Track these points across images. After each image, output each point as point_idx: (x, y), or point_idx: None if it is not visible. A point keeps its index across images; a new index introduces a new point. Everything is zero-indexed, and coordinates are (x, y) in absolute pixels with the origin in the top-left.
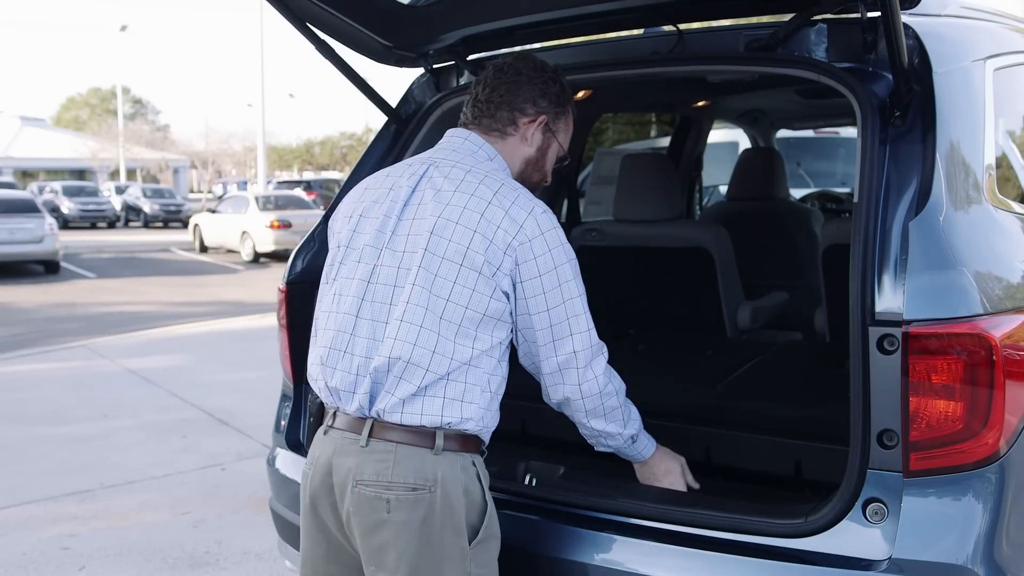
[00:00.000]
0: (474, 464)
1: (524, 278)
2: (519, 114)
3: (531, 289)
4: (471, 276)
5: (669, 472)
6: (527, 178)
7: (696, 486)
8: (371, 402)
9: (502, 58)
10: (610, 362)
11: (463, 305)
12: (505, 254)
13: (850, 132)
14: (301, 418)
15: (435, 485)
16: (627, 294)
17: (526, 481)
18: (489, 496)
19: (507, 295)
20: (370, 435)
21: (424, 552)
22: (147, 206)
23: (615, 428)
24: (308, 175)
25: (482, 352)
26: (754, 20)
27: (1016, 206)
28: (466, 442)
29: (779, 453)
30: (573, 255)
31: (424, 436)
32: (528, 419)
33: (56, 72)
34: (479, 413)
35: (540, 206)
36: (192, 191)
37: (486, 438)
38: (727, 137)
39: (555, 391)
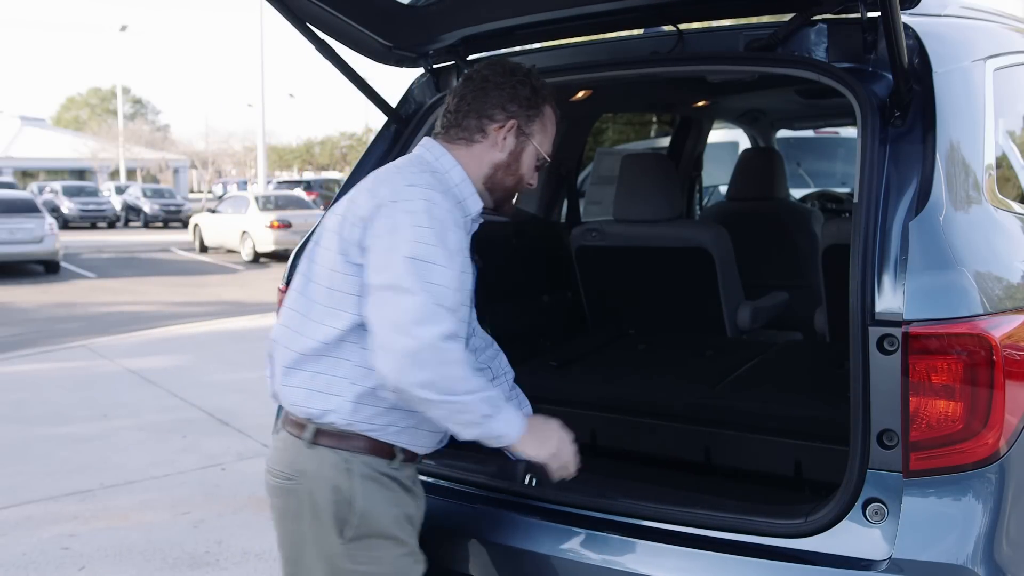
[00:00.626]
0: (365, 464)
1: (368, 242)
2: (487, 121)
3: (370, 251)
4: (332, 256)
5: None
6: (498, 183)
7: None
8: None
9: (471, 71)
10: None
11: (324, 284)
12: (355, 225)
13: (850, 132)
14: None
15: (302, 478)
16: (627, 294)
17: (526, 481)
18: (383, 497)
19: (359, 266)
20: (282, 424)
21: (293, 539)
22: (147, 206)
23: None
24: (308, 175)
25: (346, 332)
26: (754, 20)
27: (1016, 206)
28: (344, 439)
29: (779, 453)
30: (430, 229)
31: (299, 427)
32: None
33: (56, 72)
34: (346, 407)
35: (411, 187)
36: (192, 191)
37: (390, 440)
38: (727, 137)
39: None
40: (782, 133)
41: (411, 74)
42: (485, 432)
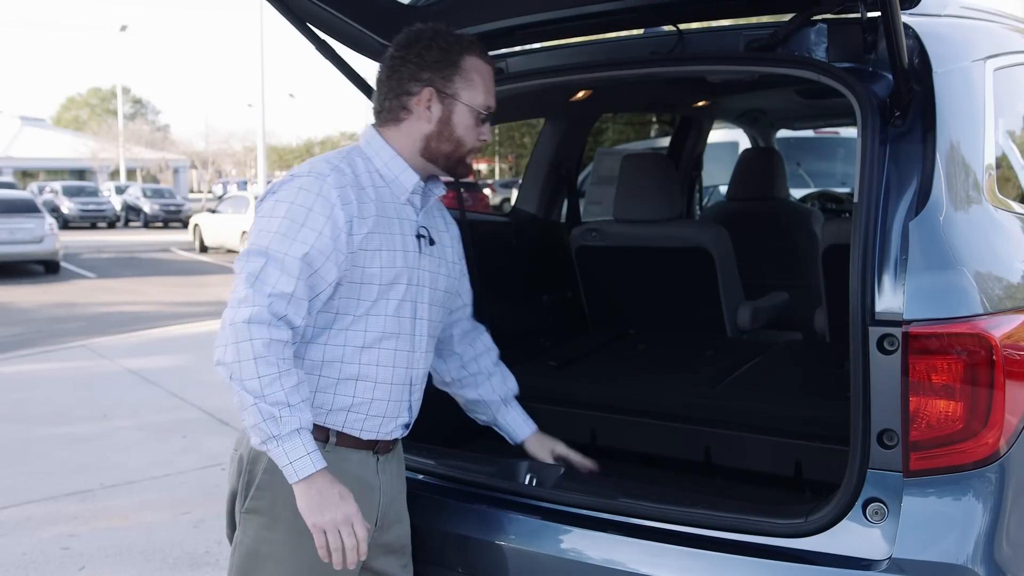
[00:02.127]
0: None
1: None
2: (406, 97)
3: None
4: None
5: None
6: (436, 152)
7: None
8: None
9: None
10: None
11: None
12: None
13: (850, 132)
14: None
15: (238, 447)
16: (627, 294)
17: (526, 481)
18: (279, 479)
19: None
20: None
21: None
22: (147, 206)
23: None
24: None
25: None
26: (754, 20)
27: (1016, 206)
28: None
29: (779, 453)
30: (282, 218)
31: None
32: None
33: (56, 72)
34: None
35: (293, 176)
36: (192, 191)
37: (318, 422)
38: (727, 137)
39: None
40: (782, 133)
41: None
42: (268, 450)
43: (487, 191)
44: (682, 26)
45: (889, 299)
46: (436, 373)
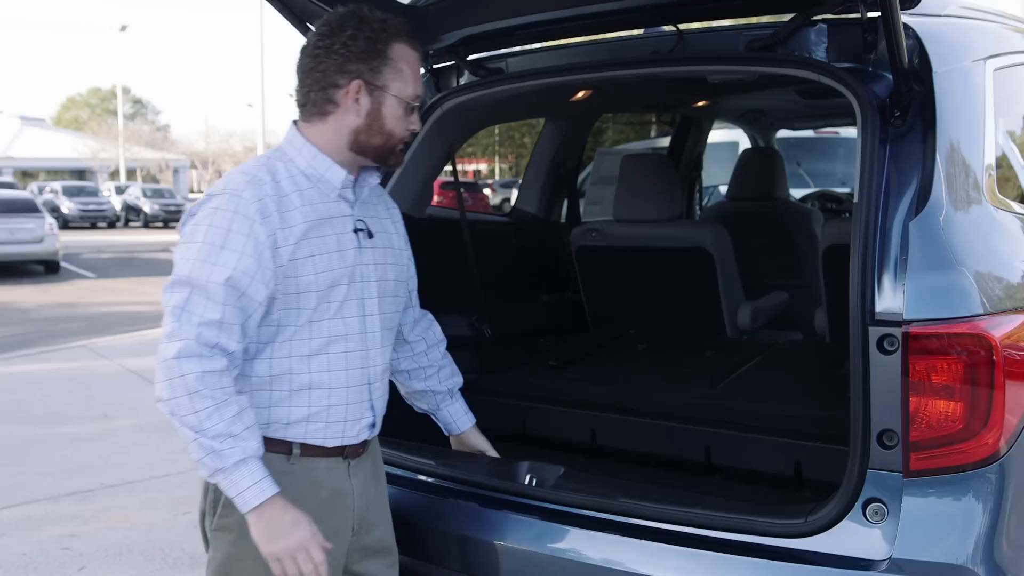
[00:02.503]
0: None
1: None
2: (333, 90)
3: None
4: None
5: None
6: (366, 145)
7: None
8: None
9: (307, 37)
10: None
11: None
12: None
13: (850, 132)
14: None
15: None
16: (627, 294)
17: (526, 481)
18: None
19: None
20: None
21: None
22: (147, 206)
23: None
24: None
25: None
26: (754, 20)
27: (1016, 206)
28: None
29: (779, 453)
30: (199, 232)
31: None
32: (528, 419)
33: (56, 72)
34: None
35: (210, 196)
36: (192, 191)
37: (278, 436)
38: (727, 137)
39: None
40: (782, 133)
41: None
42: (217, 483)
43: (487, 191)
44: (682, 26)
45: (889, 299)
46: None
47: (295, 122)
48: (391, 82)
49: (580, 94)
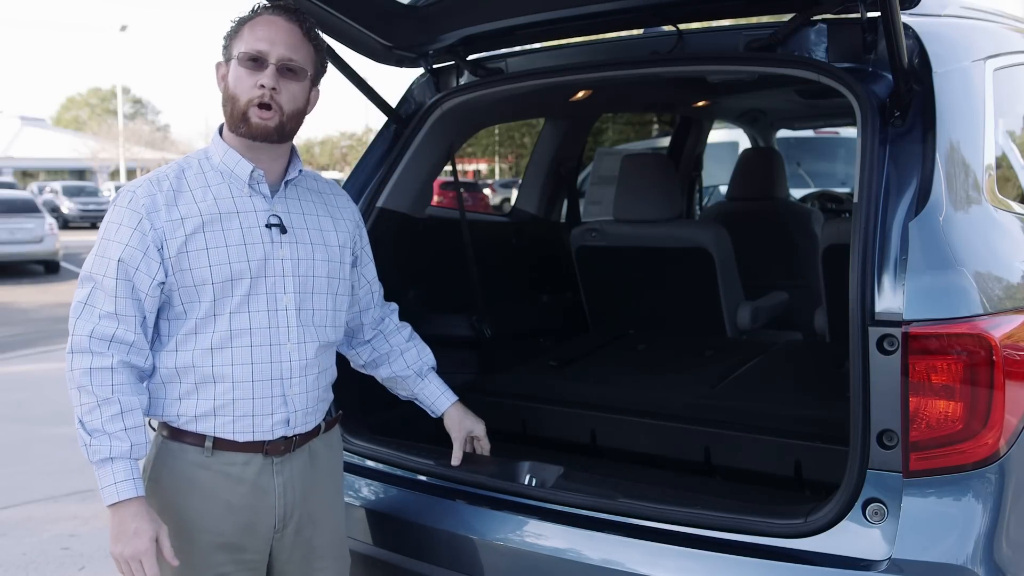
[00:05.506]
0: (169, 451)
1: None
2: (219, 81)
3: None
4: None
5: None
6: (228, 120)
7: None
8: None
9: None
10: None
11: None
12: None
13: (850, 132)
14: None
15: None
16: (627, 294)
17: (526, 481)
18: (172, 485)
19: None
20: None
21: None
22: None
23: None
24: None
25: None
26: (754, 20)
27: (1016, 206)
28: (162, 428)
29: (779, 453)
30: (100, 230)
31: None
32: (528, 419)
33: (56, 72)
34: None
35: (123, 187)
36: None
37: (189, 428)
38: (727, 137)
39: None
40: (782, 133)
41: (411, 74)
42: (94, 472)
43: (487, 191)
44: (682, 26)
45: (889, 299)
46: (350, 358)
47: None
48: (234, 48)
49: (580, 94)
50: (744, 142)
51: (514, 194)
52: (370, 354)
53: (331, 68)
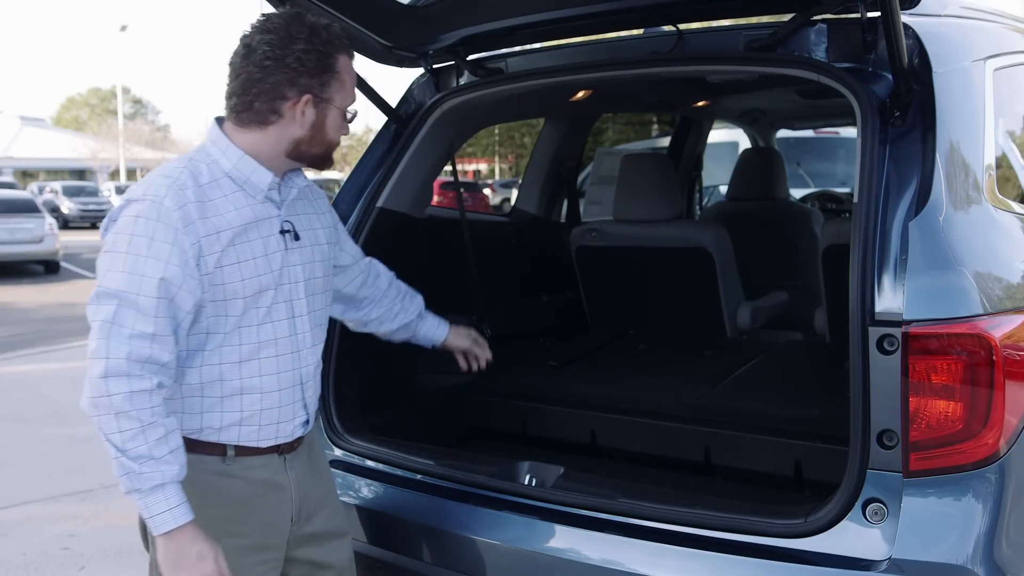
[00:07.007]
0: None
1: None
2: (280, 101)
3: None
4: None
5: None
6: (306, 154)
7: None
8: None
9: (249, 36)
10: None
11: None
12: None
13: (850, 132)
14: None
15: None
16: (627, 294)
17: (526, 481)
18: (196, 493)
19: None
20: None
21: None
22: None
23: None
24: (309, 175)
25: None
26: (754, 20)
27: (1016, 206)
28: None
29: (779, 453)
30: (122, 242)
31: None
32: (528, 419)
33: (56, 72)
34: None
35: (135, 194)
36: None
37: (212, 440)
38: (727, 137)
39: None
40: (782, 133)
41: (411, 74)
42: (134, 501)
43: (487, 191)
44: (682, 26)
45: (889, 299)
46: (353, 322)
47: (219, 120)
48: (335, 95)
49: (580, 94)
50: (744, 142)
51: (514, 194)
52: (374, 312)
53: None
